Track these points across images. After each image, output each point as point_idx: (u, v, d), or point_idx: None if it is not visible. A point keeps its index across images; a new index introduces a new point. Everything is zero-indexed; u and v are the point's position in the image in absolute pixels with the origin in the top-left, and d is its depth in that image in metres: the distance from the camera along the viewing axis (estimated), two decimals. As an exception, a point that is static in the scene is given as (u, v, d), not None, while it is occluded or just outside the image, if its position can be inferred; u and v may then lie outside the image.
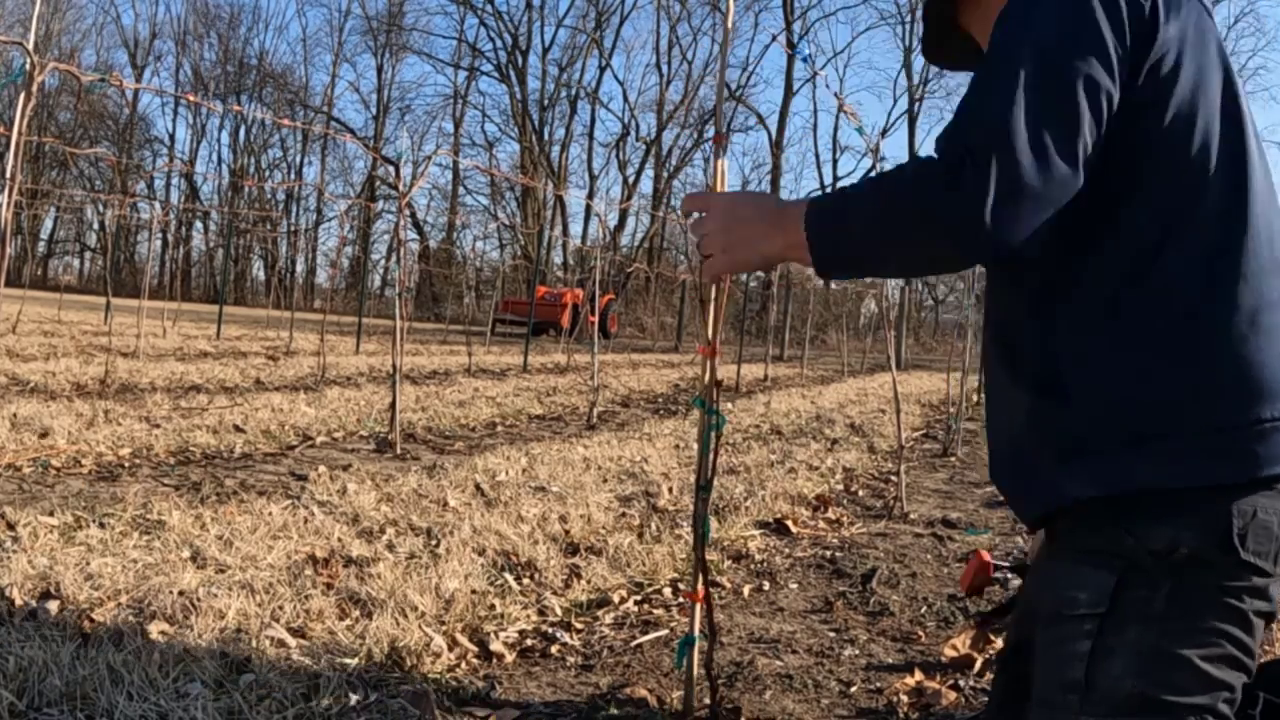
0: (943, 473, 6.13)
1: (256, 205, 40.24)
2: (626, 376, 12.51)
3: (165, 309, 18.61)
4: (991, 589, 3.30)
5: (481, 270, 32.73)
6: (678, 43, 45.34)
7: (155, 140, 45.62)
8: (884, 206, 1.16)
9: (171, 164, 41.63)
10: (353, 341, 16.09)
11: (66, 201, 33.79)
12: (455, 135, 43.61)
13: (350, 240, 34.41)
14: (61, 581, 2.48)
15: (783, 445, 6.51)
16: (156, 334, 14.30)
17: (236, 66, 44.17)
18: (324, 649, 2.24)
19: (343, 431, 5.87)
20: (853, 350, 22.25)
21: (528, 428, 6.90)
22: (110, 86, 4.09)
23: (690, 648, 2.07)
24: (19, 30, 31.35)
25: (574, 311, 22.91)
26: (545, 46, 43.67)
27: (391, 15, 43.80)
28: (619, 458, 5.37)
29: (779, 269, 26.42)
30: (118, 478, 4.06)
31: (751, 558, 3.56)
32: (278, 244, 38.71)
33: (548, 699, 2.16)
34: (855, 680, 2.40)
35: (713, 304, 1.96)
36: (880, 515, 4.55)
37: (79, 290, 36.97)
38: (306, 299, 41.28)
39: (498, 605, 2.68)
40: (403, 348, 5.56)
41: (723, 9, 2.17)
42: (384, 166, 36.45)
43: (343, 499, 3.78)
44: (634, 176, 42.95)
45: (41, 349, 10.14)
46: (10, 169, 3.22)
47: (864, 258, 1.23)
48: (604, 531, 3.60)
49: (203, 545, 2.93)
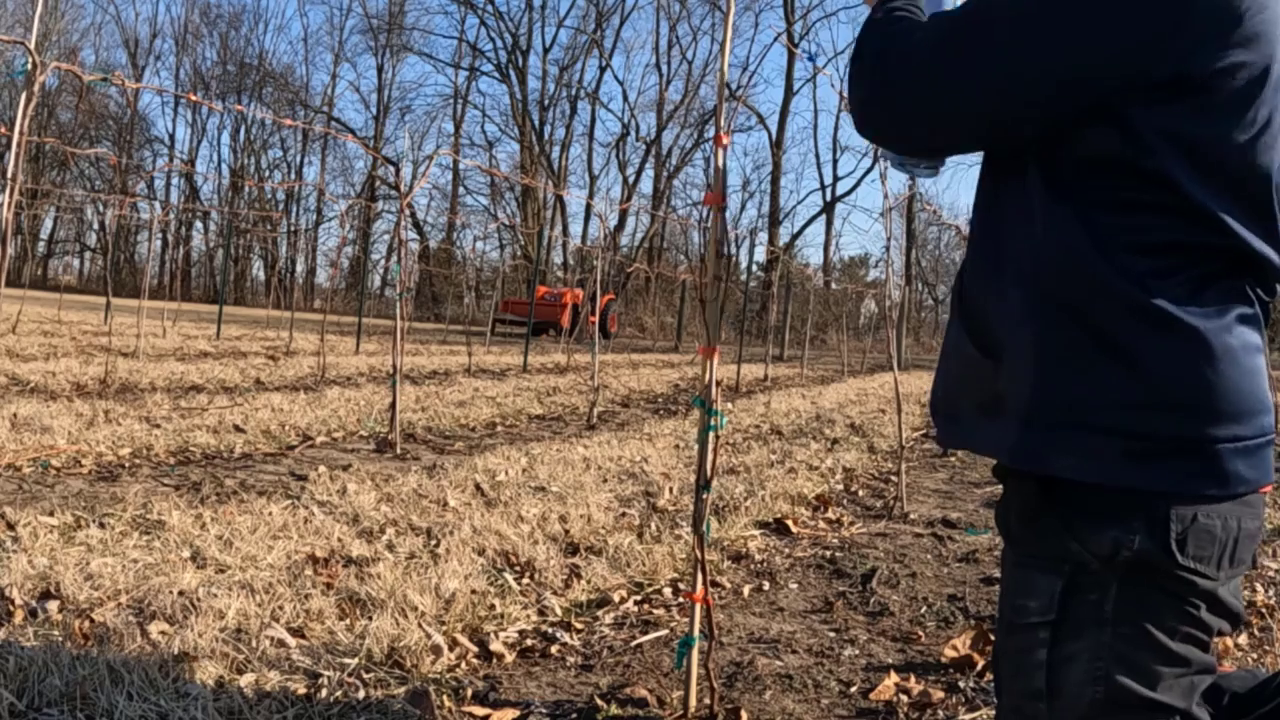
0: (943, 473, 6.13)
1: (256, 205, 40.24)
2: (626, 376, 12.51)
3: (165, 309, 18.62)
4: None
5: (481, 270, 32.76)
6: (678, 43, 45.48)
7: (155, 140, 45.65)
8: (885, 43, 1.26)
9: (171, 164, 41.65)
10: (353, 341, 16.09)
11: (66, 201, 33.81)
12: (455, 135, 43.62)
13: (350, 240, 34.40)
14: (61, 581, 2.48)
15: (783, 445, 6.51)
16: (156, 334, 14.31)
17: (237, 66, 44.21)
18: (324, 649, 2.24)
19: (343, 431, 5.87)
20: (853, 350, 22.26)
21: (528, 428, 6.90)
22: (112, 85, 4.09)
23: (690, 648, 2.07)
24: (20, 30, 31.35)
25: (574, 311, 22.92)
26: (545, 46, 43.72)
27: (392, 15, 43.84)
28: (619, 458, 5.37)
29: (778, 269, 26.42)
30: (118, 478, 4.06)
31: (751, 558, 3.56)
32: (278, 244, 38.68)
33: (548, 699, 2.16)
34: (855, 680, 2.40)
35: (711, 305, 1.96)
36: (880, 515, 4.55)
37: (79, 290, 36.98)
38: (306, 299, 41.29)
39: (498, 605, 2.68)
40: (403, 348, 5.56)
41: (723, 9, 2.18)
42: (384, 166, 36.51)
43: (343, 499, 3.78)
44: (634, 176, 43.00)
45: (41, 349, 10.14)
46: (11, 169, 3.22)
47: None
48: (604, 531, 3.60)
49: (203, 545, 2.93)
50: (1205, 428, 1.10)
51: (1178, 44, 1.08)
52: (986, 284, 1.24)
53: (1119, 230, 1.13)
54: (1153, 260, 1.12)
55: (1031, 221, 1.18)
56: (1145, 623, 1.13)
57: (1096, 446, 1.12)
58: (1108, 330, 1.12)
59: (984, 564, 3.68)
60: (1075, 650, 1.15)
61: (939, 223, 30.38)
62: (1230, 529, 1.12)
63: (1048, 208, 1.16)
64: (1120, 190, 1.13)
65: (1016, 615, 1.19)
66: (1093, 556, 1.13)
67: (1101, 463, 1.11)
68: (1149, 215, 1.13)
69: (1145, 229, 1.13)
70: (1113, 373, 1.12)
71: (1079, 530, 1.14)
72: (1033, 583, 1.18)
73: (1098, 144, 1.14)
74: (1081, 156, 1.15)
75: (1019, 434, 1.16)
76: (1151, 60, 1.09)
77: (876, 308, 31.69)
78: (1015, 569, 1.22)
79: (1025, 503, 1.20)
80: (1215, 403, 1.10)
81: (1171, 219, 1.13)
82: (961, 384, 1.27)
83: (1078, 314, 1.14)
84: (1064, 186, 1.16)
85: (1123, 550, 1.11)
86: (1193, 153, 1.11)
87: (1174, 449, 1.10)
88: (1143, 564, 1.11)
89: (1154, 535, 1.10)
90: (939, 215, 8.40)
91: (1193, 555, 1.11)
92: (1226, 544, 1.12)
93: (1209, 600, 1.14)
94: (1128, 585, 1.13)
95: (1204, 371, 1.10)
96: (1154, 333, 1.11)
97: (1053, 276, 1.16)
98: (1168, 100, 1.10)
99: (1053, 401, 1.14)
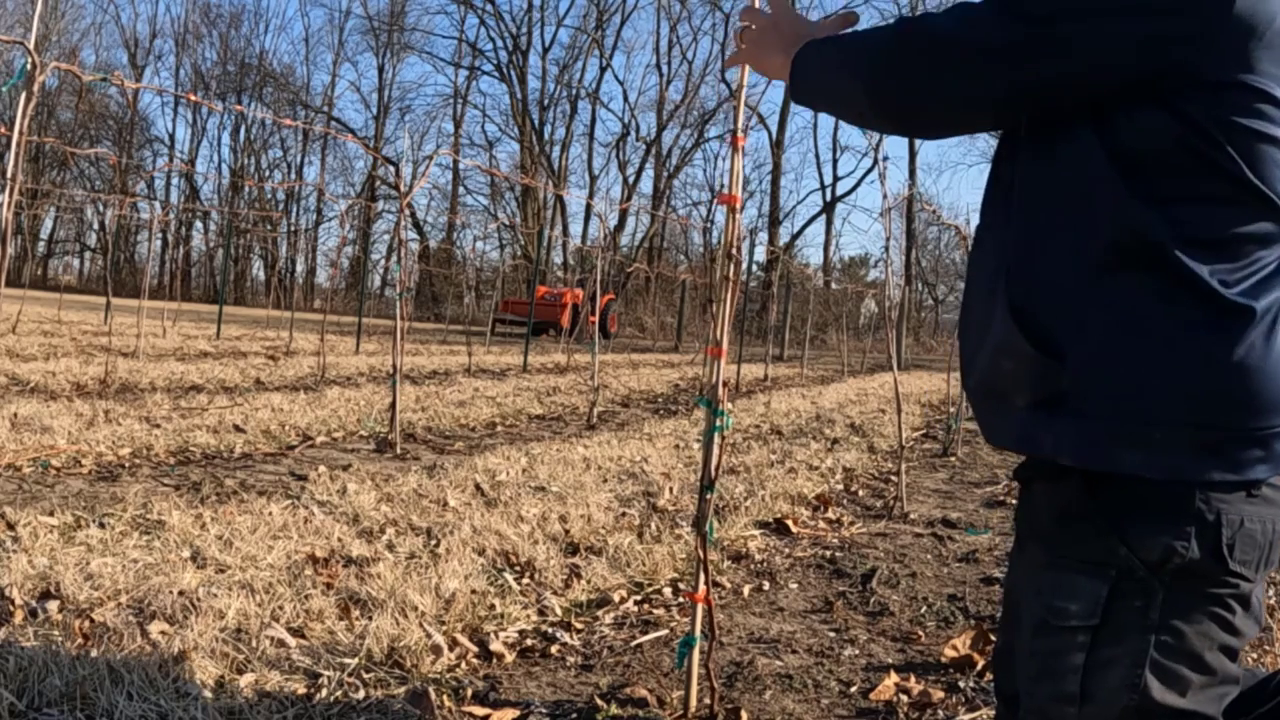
0: (943, 473, 6.13)
1: (256, 205, 40.23)
2: (626, 376, 12.51)
3: (165, 309, 18.61)
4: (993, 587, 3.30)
5: (481, 270, 32.75)
6: (678, 43, 45.49)
7: (155, 140, 45.65)
8: (848, 54, 1.31)
9: (171, 164, 41.64)
10: (353, 341, 16.09)
11: (66, 201, 33.79)
12: (455, 135, 43.62)
13: (350, 240, 34.40)
14: (61, 581, 2.48)
15: (783, 445, 6.51)
16: (156, 334, 14.30)
17: (237, 66, 44.21)
18: (324, 649, 2.24)
19: (343, 431, 5.87)
20: (853, 350, 22.25)
21: (528, 428, 6.90)
22: (112, 85, 4.09)
23: (690, 648, 2.07)
24: (20, 30, 31.35)
25: (574, 311, 22.90)
26: (546, 46, 43.73)
27: (393, 15, 43.86)
28: (619, 458, 5.37)
29: (778, 269, 26.42)
30: (118, 478, 4.06)
31: (751, 558, 3.56)
32: (278, 244, 38.67)
33: (548, 699, 2.16)
34: (855, 680, 2.40)
35: (722, 305, 1.95)
36: (880, 515, 4.55)
37: (79, 290, 36.97)
38: (306, 299, 41.28)
39: (498, 605, 2.68)
40: (403, 348, 5.56)
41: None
42: (384, 166, 36.48)
43: (343, 499, 3.78)
44: (634, 176, 42.97)
45: (41, 349, 10.14)
46: (11, 169, 3.22)
47: (821, 90, 1.39)
48: (604, 531, 3.60)
49: (203, 545, 2.93)
50: (1266, 415, 1.11)
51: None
52: (1041, 274, 1.20)
53: (1189, 221, 1.12)
54: (1221, 251, 1.12)
55: (1094, 210, 1.16)
56: (1186, 630, 1.12)
57: (1165, 440, 1.11)
58: (1176, 321, 1.12)
59: (984, 564, 3.68)
60: (1114, 655, 1.13)
61: (939, 223, 30.35)
62: (1268, 533, 1.13)
63: (1113, 196, 1.14)
64: (1188, 180, 1.13)
65: (1054, 617, 1.17)
66: (1141, 563, 1.12)
67: (1169, 457, 1.10)
68: (1217, 206, 1.12)
69: (1214, 220, 1.12)
70: (1182, 364, 1.11)
71: (1128, 534, 1.13)
72: (1074, 585, 1.16)
73: (1161, 129, 1.12)
74: (1144, 145, 1.14)
75: (1083, 429, 1.14)
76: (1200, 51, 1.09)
77: (876, 308, 31.69)
78: (1048, 570, 1.19)
79: (1064, 503, 1.18)
80: (1274, 391, 1.11)
81: (1238, 209, 1.12)
82: (1015, 381, 1.21)
83: (1144, 306, 1.13)
84: (1131, 175, 1.14)
85: (1175, 557, 1.11)
86: (1249, 147, 1.11)
87: (1242, 439, 1.10)
88: (1191, 570, 1.11)
89: (1205, 540, 1.10)
90: (939, 215, 8.40)
91: (1240, 559, 1.11)
92: (1265, 547, 1.13)
93: (1245, 604, 1.14)
94: (1174, 592, 1.12)
95: (1266, 361, 1.11)
96: (1223, 323, 1.11)
97: (1118, 269, 1.14)
98: (1220, 90, 1.10)
99: (1117, 394, 1.13)
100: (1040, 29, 1.13)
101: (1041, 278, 1.20)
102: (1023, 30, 1.14)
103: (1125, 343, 1.13)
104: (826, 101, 1.41)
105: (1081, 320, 1.16)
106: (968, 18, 1.19)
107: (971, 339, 1.31)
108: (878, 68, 1.26)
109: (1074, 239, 1.18)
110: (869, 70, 1.26)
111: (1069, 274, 1.17)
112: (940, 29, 1.20)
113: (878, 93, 1.26)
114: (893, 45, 1.25)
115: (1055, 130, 1.20)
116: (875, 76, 1.26)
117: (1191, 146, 1.12)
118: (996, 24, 1.16)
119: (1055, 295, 1.18)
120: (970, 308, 1.33)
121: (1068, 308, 1.17)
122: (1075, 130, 1.18)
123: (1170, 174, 1.13)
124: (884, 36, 1.27)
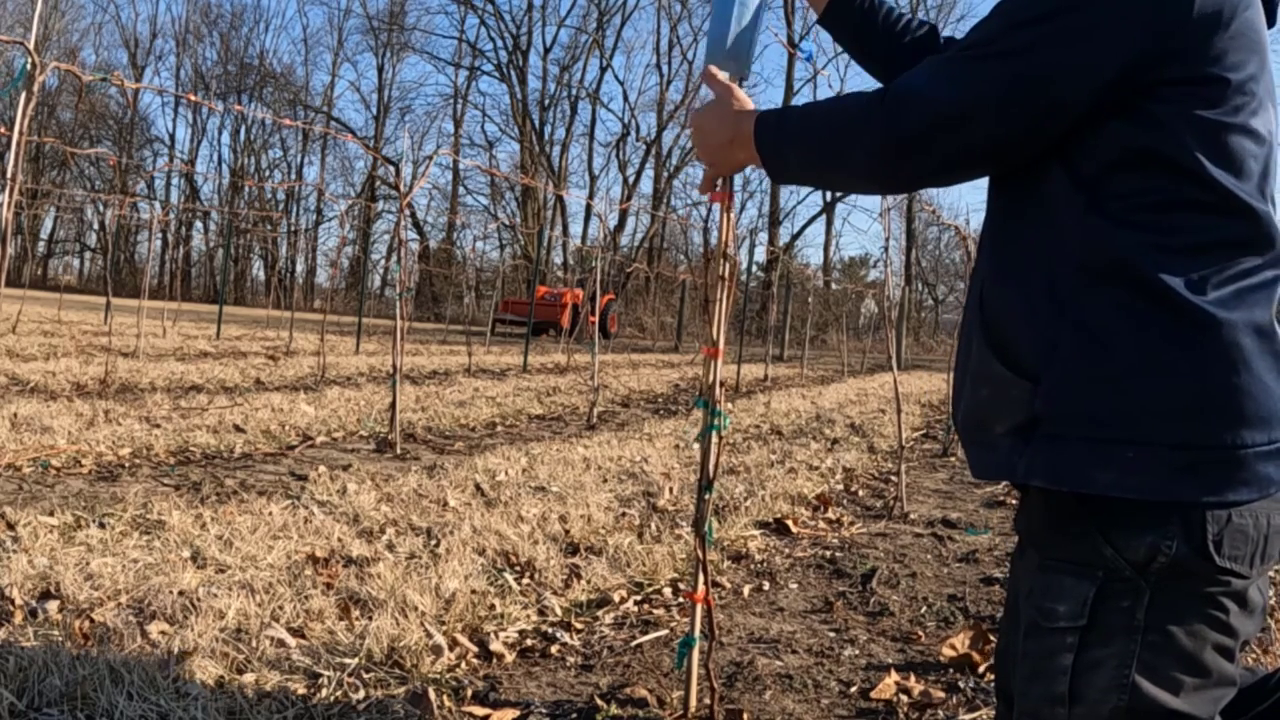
0: (943, 473, 6.13)
1: (256, 205, 40.24)
2: (626, 376, 12.51)
3: (165, 309, 18.62)
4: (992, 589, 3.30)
5: (481, 270, 32.75)
6: (678, 43, 45.30)
7: (155, 140, 45.66)
8: (824, 122, 1.30)
9: (171, 164, 41.65)
10: (353, 341, 16.09)
11: (66, 201, 33.81)
12: (455, 135, 43.63)
13: (350, 240, 34.42)
14: (61, 581, 2.48)
15: (783, 445, 6.51)
16: (156, 334, 14.30)
17: (237, 66, 44.21)
18: (324, 649, 2.24)
19: (343, 431, 5.87)
20: (853, 350, 22.26)
21: (528, 428, 6.90)
22: (112, 85, 4.09)
23: (690, 648, 2.07)
24: (20, 30, 31.34)
25: (574, 311, 22.91)
26: (546, 46, 43.76)
27: (393, 15, 43.86)
28: (619, 458, 5.37)
29: (778, 269, 26.42)
30: (118, 478, 4.06)
31: (751, 558, 3.56)
32: (278, 244, 38.69)
33: (548, 699, 2.16)
34: (855, 680, 2.40)
35: (718, 304, 1.96)
36: (880, 515, 4.55)
37: (79, 290, 36.98)
38: (306, 299, 41.28)
39: (498, 605, 2.68)
40: (403, 348, 5.56)
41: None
42: (384, 166, 36.49)
43: (343, 499, 3.78)
44: (634, 177, 42.98)
45: (41, 349, 10.13)
46: (11, 169, 3.22)
47: (806, 166, 1.36)
48: (604, 531, 3.60)
49: (203, 545, 2.93)
50: (1243, 433, 1.09)
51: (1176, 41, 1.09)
52: (1013, 299, 1.21)
53: (1155, 233, 1.12)
54: (1195, 258, 1.11)
55: (1060, 232, 1.17)
56: (1176, 630, 1.12)
57: (1137, 460, 1.10)
58: (1144, 337, 1.11)
59: (984, 564, 3.68)
60: (1102, 656, 1.13)
61: (939, 223, 30.36)
62: (1261, 526, 1.12)
63: (1078, 216, 1.15)
64: (1153, 190, 1.13)
65: (1044, 619, 1.17)
66: (1127, 563, 1.12)
67: (1142, 477, 1.10)
68: (1186, 212, 1.12)
69: (1184, 227, 1.12)
70: (1152, 383, 1.11)
71: (1114, 537, 1.13)
72: (1062, 587, 1.16)
73: (1123, 140, 1.13)
74: (1106, 159, 1.14)
75: (1057, 451, 1.14)
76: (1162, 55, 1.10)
77: (876, 308, 31.66)
78: (1041, 572, 1.20)
79: (1056, 510, 1.19)
80: (1253, 408, 1.10)
81: (1207, 214, 1.12)
82: (993, 407, 1.22)
83: (1114, 323, 1.12)
84: (1093, 192, 1.14)
85: (1160, 556, 1.11)
86: (1216, 144, 1.11)
87: (1213, 458, 1.09)
88: (1178, 569, 1.11)
89: (1191, 539, 1.10)
90: (939, 216, 8.39)
91: (1228, 555, 1.10)
92: (1258, 541, 1.12)
93: (1240, 601, 1.13)
94: (1161, 592, 1.12)
95: (1242, 376, 1.10)
96: (1193, 339, 1.10)
97: (1087, 288, 1.14)
98: (1184, 90, 1.11)
99: (1090, 416, 1.13)
100: (1021, 67, 1.14)
101: (1014, 303, 1.21)
102: (1006, 71, 1.14)
103: (1096, 361, 1.13)
104: (802, 167, 1.38)
105: (1054, 341, 1.16)
106: (948, 75, 1.19)
107: (959, 372, 1.33)
108: (879, 143, 1.23)
109: (1044, 262, 1.18)
110: (868, 146, 1.24)
111: (1042, 297, 1.18)
112: (925, 91, 1.19)
113: (883, 165, 1.24)
114: (887, 117, 1.22)
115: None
116: (878, 150, 1.23)
117: (1156, 154, 1.12)
118: (976, 72, 1.17)
119: (1028, 319, 1.19)
120: (960, 338, 1.35)
121: (1040, 330, 1.17)
122: (1037, 156, 1.19)
123: (1134, 186, 1.13)
124: (868, 108, 1.24)
